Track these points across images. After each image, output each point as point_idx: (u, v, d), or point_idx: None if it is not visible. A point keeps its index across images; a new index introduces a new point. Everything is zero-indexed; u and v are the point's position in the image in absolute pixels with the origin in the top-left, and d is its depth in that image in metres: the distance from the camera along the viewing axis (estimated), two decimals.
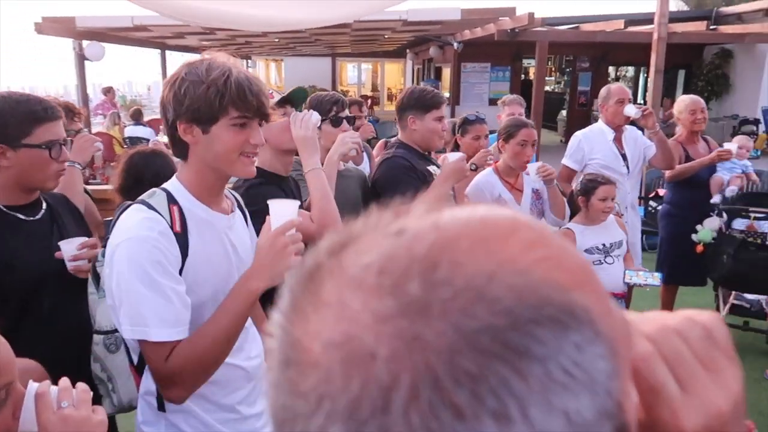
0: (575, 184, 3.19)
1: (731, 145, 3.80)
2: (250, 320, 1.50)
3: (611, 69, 16.04)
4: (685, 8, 19.66)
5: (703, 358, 0.41)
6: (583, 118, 13.07)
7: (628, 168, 3.51)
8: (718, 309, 4.09)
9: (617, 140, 3.53)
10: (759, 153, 11.58)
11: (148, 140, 8.50)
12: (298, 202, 1.42)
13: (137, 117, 9.65)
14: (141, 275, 1.21)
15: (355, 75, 22.22)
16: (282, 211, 1.33)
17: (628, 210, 3.50)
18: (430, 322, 0.28)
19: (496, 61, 13.93)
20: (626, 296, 3.10)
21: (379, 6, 5.25)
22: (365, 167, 3.14)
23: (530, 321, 0.28)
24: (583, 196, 2.99)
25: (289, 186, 1.95)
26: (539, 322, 0.28)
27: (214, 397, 1.39)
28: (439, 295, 0.28)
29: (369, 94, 20.07)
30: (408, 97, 2.46)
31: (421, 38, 13.55)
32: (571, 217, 3.10)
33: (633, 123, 3.59)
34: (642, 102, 12.88)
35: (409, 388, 0.27)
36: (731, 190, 3.86)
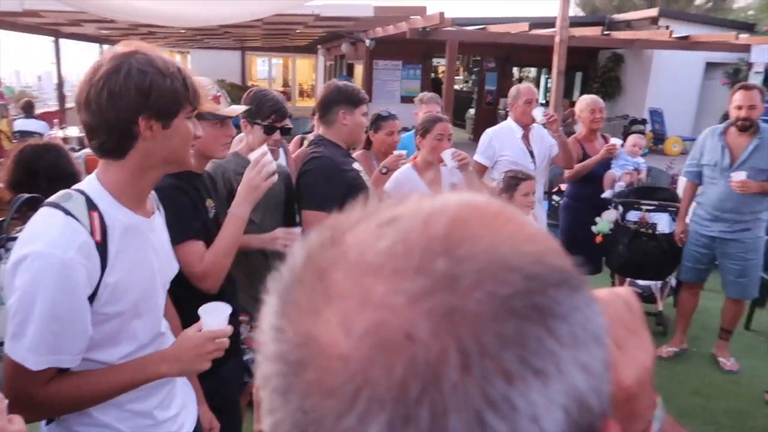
0: (495, 182, 3.31)
1: (616, 140, 4.09)
2: (167, 325, 1.47)
3: (515, 70, 16.76)
4: (582, 14, 20.92)
5: (627, 324, 0.50)
6: (490, 116, 13.60)
7: (535, 164, 3.70)
8: None
9: (525, 138, 3.72)
10: (647, 150, 12.57)
11: (41, 134, 7.93)
12: (230, 309, 1.39)
13: (28, 109, 8.96)
14: (42, 300, 1.13)
15: (265, 69, 21.76)
16: (216, 318, 1.34)
17: (536, 205, 3.70)
18: (466, 293, 0.29)
19: (407, 59, 14.16)
20: None
21: (293, 5, 5.20)
22: (281, 161, 3.11)
23: (550, 285, 0.31)
24: (506, 193, 3.07)
25: (204, 182, 1.89)
26: (557, 285, 0.31)
27: (129, 405, 1.34)
28: (467, 268, 0.30)
29: (280, 89, 19.76)
30: (336, 92, 2.43)
31: (333, 34, 13.52)
32: None
33: None
34: (544, 102, 13.56)
35: (459, 361, 0.28)
36: (619, 186, 4.17)
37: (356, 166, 2.44)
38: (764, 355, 3.92)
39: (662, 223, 4.19)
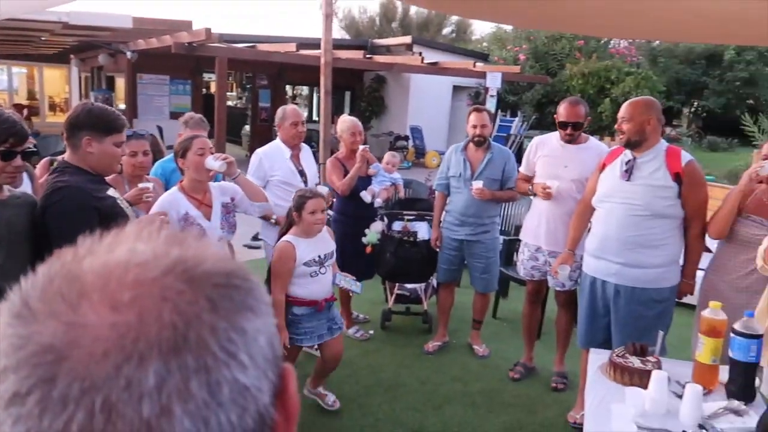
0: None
1: (363, 149, 4.25)
2: None
3: (288, 87, 17.10)
4: (348, 36, 22.22)
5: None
6: (265, 132, 13.65)
7: (306, 184, 3.84)
8: (387, 299, 4.79)
9: (295, 158, 3.84)
10: (410, 164, 13.81)
11: None
12: None
13: None
14: None
15: (4, 80, 18.91)
16: None
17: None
18: (194, 269, 0.40)
19: (175, 74, 13.53)
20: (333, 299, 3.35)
21: (31, 6, 4.63)
22: (26, 187, 2.74)
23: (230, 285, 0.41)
24: (296, 212, 3.10)
25: None
26: (233, 286, 0.42)
27: None
28: (189, 255, 0.41)
29: (25, 102, 17.33)
30: (85, 115, 2.17)
31: (87, 44, 12.32)
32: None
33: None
34: (316, 118, 14.05)
35: (208, 305, 0.38)
36: (377, 203, 4.51)
37: (112, 192, 2.26)
38: (508, 338, 4.59)
39: (422, 231, 4.67)
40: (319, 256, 3.13)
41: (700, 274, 3.12)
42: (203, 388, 0.36)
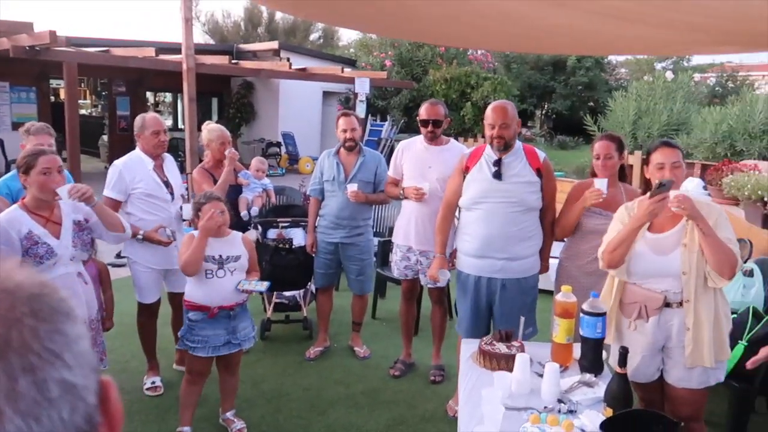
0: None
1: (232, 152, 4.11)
2: None
3: (150, 94, 16.19)
4: (212, 42, 21.47)
5: None
6: (126, 142, 12.75)
7: (172, 195, 3.66)
8: (265, 309, 4.70)
9: (158, 168, 3.64)
10: (284, 171, 13.67)
11: None
12: None
13: None
14: None
15: None
16: None
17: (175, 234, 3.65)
18: (12, 296, 0.43)
19: (16, 81, 12.28)
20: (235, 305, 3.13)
21: None
22: None
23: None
24: (196, 218, 3.00)
25: None
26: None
27: None
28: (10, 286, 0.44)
29: None
30: None
31: None
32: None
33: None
34: (182, 126, 13.41)
35: (29, 310, 0.42)
36: (254, 211, 4.45)
37: None
38: (388, 338, 4.70)
39: (297, 237, 4.65)
40: (220, 256, 2.98)
41: (555, 261, 3.44)
42: (31, 387, 0.39)
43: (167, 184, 3.65)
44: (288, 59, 12.53)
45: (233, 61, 12.21)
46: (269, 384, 3.85)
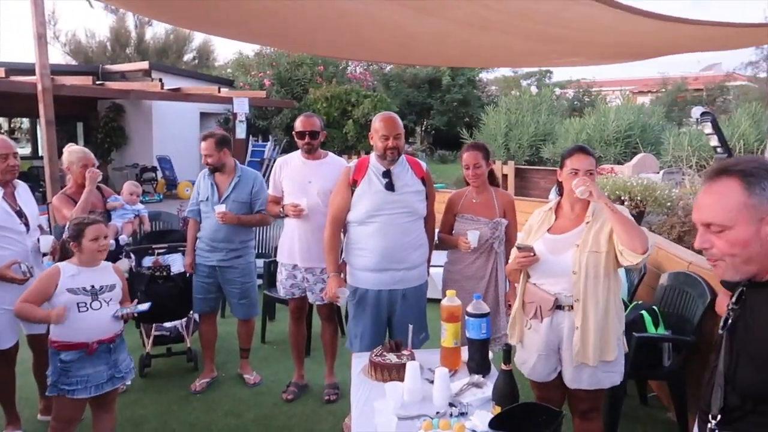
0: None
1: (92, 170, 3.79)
2: None
3: (2, 120, 14.74)
4: (74, 62, 20.00)
5: None
6: None
7: (28, 226, 3.30)
8: (144, 344, 4.36)
9: (8, 196, 3.27)
10: (161, 197, 12.97)
11: None
12: None
13: None
14: None
15: None
16: None
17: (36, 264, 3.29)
18: None
19: None
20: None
21: None
22: None
23: None
24: (74, 242, 2.74)
25: None
26: None
27: None
28: None
29: None
30: None
31: None
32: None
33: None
34: (41, 154, 12.31)
35: None
36: (123, 239, 4.14)
37: None
38: (278, 361, 4.54)
39: (176, 263, 4.38)
40: (93, 286, 2.73)
41: (438, 270, 3.52)
42: None
43: (20, 214, 3.29)
44: (160, 79, 11.94)
45: (98, 82, 11.43)
46: (151, 424, 3.55)
